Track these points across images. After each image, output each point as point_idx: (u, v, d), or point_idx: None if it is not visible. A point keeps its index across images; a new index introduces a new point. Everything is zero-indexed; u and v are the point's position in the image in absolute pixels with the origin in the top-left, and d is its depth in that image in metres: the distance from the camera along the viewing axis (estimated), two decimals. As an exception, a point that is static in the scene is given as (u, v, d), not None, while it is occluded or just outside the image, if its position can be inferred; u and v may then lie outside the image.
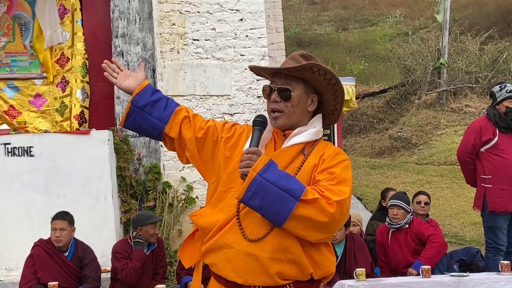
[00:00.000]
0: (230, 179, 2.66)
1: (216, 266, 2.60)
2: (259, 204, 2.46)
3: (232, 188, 2.63)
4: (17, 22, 8.27)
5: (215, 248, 2.59)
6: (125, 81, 2.86)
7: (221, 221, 2.60)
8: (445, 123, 15.74)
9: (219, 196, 2.68)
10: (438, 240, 6.44)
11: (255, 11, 8.60)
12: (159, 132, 2.81)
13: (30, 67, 8.27)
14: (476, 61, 17.19)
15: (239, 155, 2.65)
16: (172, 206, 7.94)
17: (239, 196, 2.49)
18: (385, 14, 26.83)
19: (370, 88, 19.73)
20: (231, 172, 2.66)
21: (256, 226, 2.54)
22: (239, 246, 2.54)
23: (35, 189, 7.27)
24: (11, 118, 8.16)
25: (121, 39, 8.21)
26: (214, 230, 2.60)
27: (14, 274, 6.88)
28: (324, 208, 2.45)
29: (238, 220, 2.57)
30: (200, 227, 2.69)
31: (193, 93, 8.33)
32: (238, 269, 2.53)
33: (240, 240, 2.54)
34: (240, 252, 2.53)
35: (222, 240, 2.57)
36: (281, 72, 2.72)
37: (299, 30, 26.01)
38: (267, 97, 2.73)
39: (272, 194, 2.44)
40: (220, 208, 2.65)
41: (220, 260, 2.57)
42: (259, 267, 2.52)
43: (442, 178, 12.87)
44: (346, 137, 17.01)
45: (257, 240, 2.53)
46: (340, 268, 6.28)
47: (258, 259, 2.52)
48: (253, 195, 2.45)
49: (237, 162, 2.63)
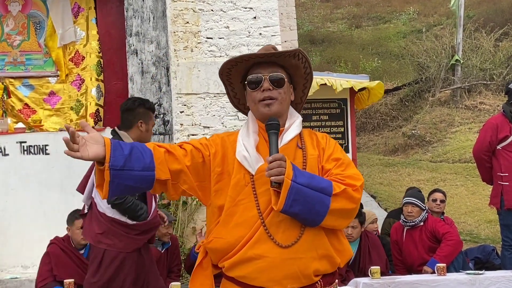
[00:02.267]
0: (236, 192, 2.57)
1: (246, 277, 2.54)
2: (300, 209, 2.46)
3: (242, 200, 2.56)
4: (31, 21, 8.32)
5: (243, 261, 2.53)
6: (89, 149, 2.36)
7: (247, 235, 2.52)
8: (459, 121, 15.66)
9: (230, 212, 2.57)
10: (453, 238, 6.41)
11: (268, 9, 8.60)
12: (149, 182, 2.48)
13: (45, 66, 8.32)
14: (490, 58, 17.08)
15: (234, 165, 2.59)
16: (186, 204, 7.95)
17: (279, 207, 2.43)
18: (399, 11, 26.72)
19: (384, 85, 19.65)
20: (235, 185, 2.58)
21: (286, 231, 2.52)
22: (272, 254, 2.50)
23: (51, 187, 7.31)
24: (26, 117, 8.22)
25: (135, 37, 8.24)
26: (241, 244, 2.53)
27: (31, 271, 6.93)
28: (352, 195, 2.53)
29: (266, 228, 2.51)
30: (222, 249, 2.58)
31: (207, 91, 8.34)
32: (275, 276, 2.50)
33: (273, 249, 2.50)
34: (275, 259, 2.50)
35: (251, 251, 2.51)
36: (265, 61, 2.66)
37: (312, 27, 25.97)
38: (254, 87, 2.63)
39: (310, 198, 2.45)
40: (236, 224, 2.56)
41: (251, 271, 2.52)
42: (297, 270, 2.52)
43: (457, 176, 12.81)
44: (359, 134, 16.97)
45: (291, 245, 2.51)
46: (354, 266, 6.27)
47: (295, 263, 2.51)
48: (293, 203, 2.43)
49: (237, 173, 2.57)
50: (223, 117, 8.33)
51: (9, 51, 8.21)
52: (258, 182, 2.56)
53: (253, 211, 2.53)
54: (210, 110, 8.37)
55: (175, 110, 8.24)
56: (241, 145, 2.61)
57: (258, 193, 2.55)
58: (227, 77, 2.75)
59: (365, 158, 14.77)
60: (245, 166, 2.58)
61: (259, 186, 2.55)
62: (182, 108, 8.31)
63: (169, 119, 8.17)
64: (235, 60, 2.68)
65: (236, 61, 2.68)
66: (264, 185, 2.53)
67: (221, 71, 2.73)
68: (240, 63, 2.69)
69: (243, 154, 2.58)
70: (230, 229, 2.56)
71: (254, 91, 2.63)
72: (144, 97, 8.13)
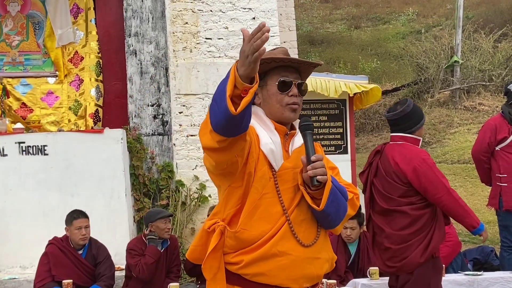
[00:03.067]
0: (262, 184, 2.56)
1: (265, 275, 2.52)
2: (332, 211, 2.54)
3: (266, 194, 2.55)
4: (30, 21, 8.33)
5: (266, 257, 2.52)
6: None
7: (271, 231, 2.53)
8: (459, 122, 15.66)
9: (256, 204, 2.55)
10: (452, 239, 6.41)
11: (267, 9, 8.60)
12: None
13: (44, 66, 8.32)
14: (489, 59, 17.08)
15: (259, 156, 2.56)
16: (185, 204, 7.96)
17: (323, 206, 2.49)
18: (398, 12, 26.72)
19: (383, 86, 19.62)
20: (261, 177, 2.56)
21: (306, 231, 2.57)
22: (296, 253, 2.53)
23: (50, 187, 7.31)
24: (23, 116, 8.21)
25: (134, 38, 8.24)
26: (264, 239, 2.52)
27: (29, 272, 6.93)
28: (355, 203, 2.67)
29: (291, 226, 2.54)
30: (246, 240, 2.54)
31: (206, 92, 8.34)
32: (294, 275, 2.53)
33: (296, 246, 2.53)
34: (298, 258, 2.53)
35: (276, 248, 2.51)
36: (291, 65, 2.68)
37: (311, 28, 25.96)
38: (284, 90, 2.63)
39: (339, 201, 2.56)
40: (259, 217, 2.54)
41: (271, 269, 2.52)
42: (313, 270, 2.58)
43: (456, 177, 12.80)
44: (358, 135, 16.97)
45: (312, 245, 2.57)
46: (353, 266, 6.27)
47: (313, 263, 2.57)
48: (331, 203, 2.51)
49: (262, 165, 2.54)
50: (222, 118, 8.32)
51: (8, 51, 8.21)
52: (281, 178, 2.58)
53: (276, 207, 2.55)
54: (209, 111, 8.36)
55: (174, 110, 8.23)
56: (267, 138, 2.59)
57: (281, 190, 2.56)
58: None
59: (364, 159, 14.73)
60: (270, 160, 2.58)
61: (282, 183, 2.57)
62: (181, 108, 8.30)
63: (168, 119, 8.17)
64: (271, 59, 2.65)
65: (272, 60, 2.65)
66: (287, 182, 2.57)
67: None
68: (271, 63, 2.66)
69: (270, 148, 2.57)
70: (253, 222, 2.55)
71: (282, 94, 2.64)
72: (143, 98, 8.17)
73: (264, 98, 2.69)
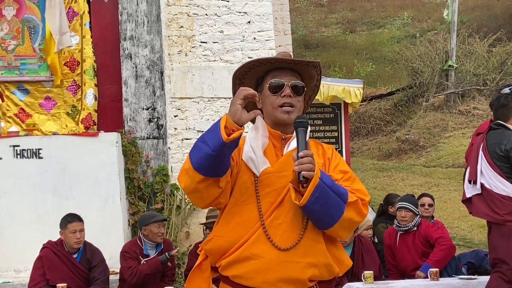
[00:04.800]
0: (241, 192, 2.58)
1: (241, 277, 2.54)
2: (319, 208, 2.47)
3: (244, 201, 2.57)
4: (26, 25, 8.31)
5: (240, 260, 2.53)
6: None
7: (246, 235, 2.53)
8: (453, 126, 15.71)
9: (232, 212, 2.58)
10: (447, 243, 6.42)
11: (262, 13, 8.62)
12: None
13: (39, 70, 8.30)
14: (484, 64, 17.15)
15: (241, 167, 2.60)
16: (180, 208, 7.95)
17: (303, 201, 2.44)
18: (393, 16, 26.80)
19: (378, 90, 19.71)
20: (240, 186, 2.59)
21: (285, 234, 2.53)
22: (269, 256, 2.50)
23: (44, 191, 7.30)
24: (21, 121, 8.19)
25: (129, 41, 8.25)
26: (239, 243, 2.53)
27: (23, 275, 6.92)
28: (361, 209, 2.56)
29: (265, 229, 2.52)
30: (221, 248, 2.58)
31: (201, 96, 8.35)
32: (270, 278, 2.50)
33: (270, 250, 2.51)
34: (272, 261, 2.50)
35: (248, 251, 2.51)
36: (287, 67, 2.68)
37: (306, 32, 26.01)
38: (275, 92, 2.64)
39: (330, 199, 2.47)
40: (236, 223, 2.56)
41: (246, 271, 2.52)
42: (292, 274, 2.51)
43: (450, 181, 12.84)
44: (353, 139, 16.99)
45: (289, 249, 2.51)
46: (348, 270, 6.26)
47: (292, 267, 2.51)
48: (316, 200, 2.44)
49: (243, 174, 2.58)
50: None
51: (3, 56, 8.19)
52: (261, 184, 2.57)
53: (254, 212, 2.54)
54: (204, 114, 8.37)
55: (169, 114, 8.24)
56: (248, 146, 2.61)
57: (261, 195, 2.56)
58: (242, 77, 2.75)
59: (359, 163, 14.79)
60: (250, 167, 2.59)
61: (263, 188, 2.56)
62: (176, 112, 8.31)
63: (163, 123, 8.17)
64: (259, 61, 2.68)
65: (260, 62, 2.68)
66: (268, 187, 2.56)
67: (239, 70, 2.74)
68: (261, 65, 2.70)
69: (249, 156, 2.59)
70: (230, 229, 2.57)
71: (274, 95, 2.64)
72: (138, 101, 8.17)
73: (262, 102, 2.70)
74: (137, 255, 6.09)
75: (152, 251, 6.20)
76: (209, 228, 6.36)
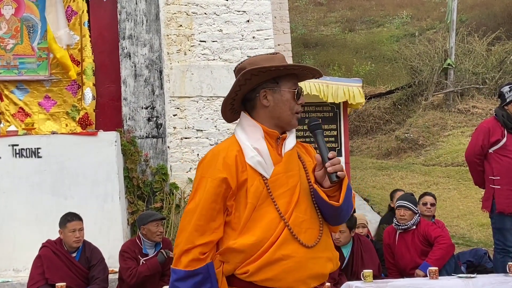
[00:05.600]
0: (256, 198, 2.57)
1: (272, 280, 2.55)
2: (346, 206, 2.62)
3: (260, 205, 2.57)
4: (25, 24, 8.30)
5: (270, 263, 2.53)
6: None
7: (271, 237, 2.54)
8: (452, 124, 15.70)
9: (253, 219, 2.57)
10: (446, 241, 6.42)
11: (261, 12, 8.61)
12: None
13: (38, 69, 8.29)
14: (483, 62, 17.14)
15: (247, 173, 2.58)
16: (179, 207, 7.95)
17: (341, 200, 2.57)
18: (392, 15, 26.80)
19: (377, 89, 19.71)
20: (254, 192, 2.57)
21: (308, 231, 2.59)
22: (300, 254, 2.55)
23: (43, 190, 7.30)
24: (20, 120, 8.18)
25: (128, 40, 8.24)
26: (266, 246, 2.53)
27: (22, 275, 6.91)
28: (352, 203, 2.72)
29: (290, 229, 2.55)
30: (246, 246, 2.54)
31: (200, 95, 8.35)
32: (301, 276, 2.56)
33: (299, 249, 2.56)
34: (302, 259, 2.56)
35: (279, 252, 2.53)
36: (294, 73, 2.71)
37: (305, 31, 26.00)
38: (297, 98, 2.68)
39: (350, 198, 2.65)
40: (257, 228, 2.56)
41: (277, 273, 2.54)
42: (319, 269, 2.61)
43: (449, 179, 12.83)
44: (352, 138, 16.99)
45: (315, 245, 2.60)
46: (347, 269, 6.28)
47: (318, 263, 2.60)
48: (346, 199, 2.59)
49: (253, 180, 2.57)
50: (216, 120, 8.34)
51: (2, 55, 8.17)
52: (273, 185, 2.59)
53: (273, 214, 2.56)
54: (203, 113, 8.37)
55: (168, 113, 8.23)
56: (252, 150, 2.60)
57: (275, 196, 2.58)
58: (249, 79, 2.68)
59: (358, 162, 14.79)
60: (259, 171, 2.59)
61: (275, 189, 2.59)
62: (175, 111, 8.31)
63: (162, 122, 8.16)
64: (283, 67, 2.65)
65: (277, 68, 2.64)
66: (281, 187, 2.59)
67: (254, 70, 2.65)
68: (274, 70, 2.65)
69: (257, 160, 2.59)
70: (252, 234, 2.55)
71: (294, 101, 2.69)
72: (137, 100, 8.16)
73: (276, 103, 2.66)
74: (136, 255, 6.09)
75: (151, 250, 6.19)
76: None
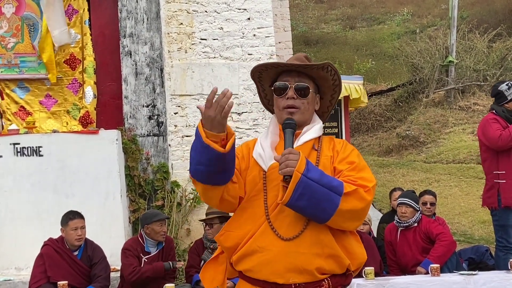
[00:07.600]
0: (250, 188, 2.67)
1: (251, 271, 2.60)
2: (306, 204, 2.49)
3: (253, 196, 2.65)
4: (25, 23, 8.30)
5: (248, 254, 2.59)
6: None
7: (253, 229, 2.60)
8: (453, 121, 15.70)
9: (242, 207, 2.67)
10: (447, 238, 6.42)
11: (262, 10, 8.60)
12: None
13: (39, 68, 8.29)
14: (484, 59, 17.12)
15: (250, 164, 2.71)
16: (180, 205, 7.95)
17: (285, 199, 2.48)
18: (393, 12, 26.77)
19: (378, 86, 19.70)
20: (250, 182, 2.67)
21: (290, 225, 2.57)
22: (275, 247, 2.55)
23: (45, 188, 7.30)
24: (22, 119, 8.18)
25: (129, 38, 8.23)
26: (247, 238, 2.60)
27: (24, 273, 6.92)
28: (363, 196, 2.54)
29: (269, 222, 2.58)
30: (233, 243, 2.65)
31: (201, 93, 8.34)
32: (278, 269, 2.55)
33: (275, 241, 2.55)
34: (278, 252, 2.55)
35: (255, 244, 2.57)
36: (294, 69, 2.76)
37: (306, 28, 25.99)
38: (280, 94, 2.74)
39: (318, 193, 2.48)
40: (245, 218, 2.64)
41: (255, 264, 2.58)
42: (299, 264, 2.55)
43: (451, 177, 12.83)
44: (354, 135, 16.99)
45: (293, 238, 2.56)
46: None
47: (298, 257, 2.55)
48: (300, 196, 2.47)
49: (252, 170, 2.68)
50: (217, 118, 8.32)
51: (3, 54, 8.18)
52: (269, 178, 2.64)
53: (261, 207, 2.62)
54: (204, 111, 8.35)
55: (169, 111, 8.23)
56: (258, 144, 2.73)
57: (268, 189, 2.63)
58: (259, 79, 2.87)
59: (359, 159, 14.77)
60: (259, 163, 2.68)
61: (270, 182, 2.63)
62: (176, 109, 8.30)
63: (163, 120, 8.16)
64: (265, 66, 2.78)
65: (266, 66, 2.79)
66: (274, 180, 2.61)
67: (252, 74, 2.85)
68: (270, 69, 2.80)
69: (258, 152, 2.70)
70: (241, 224, 2.64)
71: (280, 98, 2.74)
72: (138, 99, 8.16)
73: (274, 106, 2.82)
74: (138, 253, 6.09)
75: (153, 249, 6.20)
76: (208, 225, 6.35)
